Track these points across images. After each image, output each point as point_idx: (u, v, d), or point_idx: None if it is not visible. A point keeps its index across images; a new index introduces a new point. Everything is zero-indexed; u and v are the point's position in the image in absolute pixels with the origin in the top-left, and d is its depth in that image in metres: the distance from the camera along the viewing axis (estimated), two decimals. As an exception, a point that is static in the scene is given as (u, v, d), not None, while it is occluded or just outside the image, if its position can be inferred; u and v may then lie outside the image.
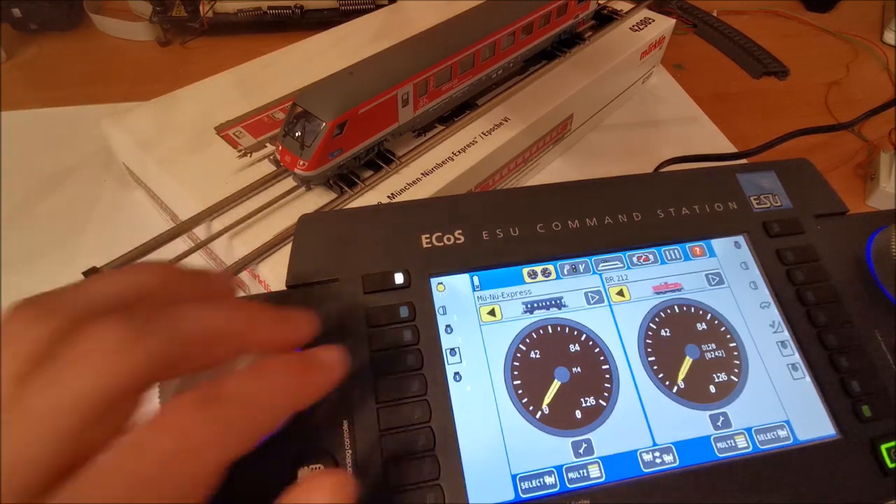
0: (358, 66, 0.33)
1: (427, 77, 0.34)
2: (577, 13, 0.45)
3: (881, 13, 0.70)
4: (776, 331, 0.23)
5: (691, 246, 0.25)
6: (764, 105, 0.57)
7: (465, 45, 0.36)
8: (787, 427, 0.21)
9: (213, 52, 0.58)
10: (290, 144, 0.32)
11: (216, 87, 0.40)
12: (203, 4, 0.56)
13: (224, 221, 0.31)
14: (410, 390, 0.20)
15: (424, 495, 0.19)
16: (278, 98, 0.39)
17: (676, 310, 0.23)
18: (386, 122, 0.34)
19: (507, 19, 0.38)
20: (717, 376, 0.22)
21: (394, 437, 0.19)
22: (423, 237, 0.24)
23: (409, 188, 0.34)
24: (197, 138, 0.36)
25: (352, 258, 0.23)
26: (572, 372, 0.22)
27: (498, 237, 0.24)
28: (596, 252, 0.24)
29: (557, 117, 0.42)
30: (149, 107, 0.38)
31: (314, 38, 0.46)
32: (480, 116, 0.39)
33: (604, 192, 0.26)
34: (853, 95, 0.58)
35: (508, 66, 0.41)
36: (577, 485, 0.20)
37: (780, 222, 0.25)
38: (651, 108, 0.54)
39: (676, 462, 0.20)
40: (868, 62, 0.64)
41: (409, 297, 0.22)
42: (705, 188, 0.26)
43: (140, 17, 0.58)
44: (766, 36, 0.47)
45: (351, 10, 0.58)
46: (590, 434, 0.21)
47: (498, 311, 0.23)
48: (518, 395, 0.21)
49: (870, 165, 0.49)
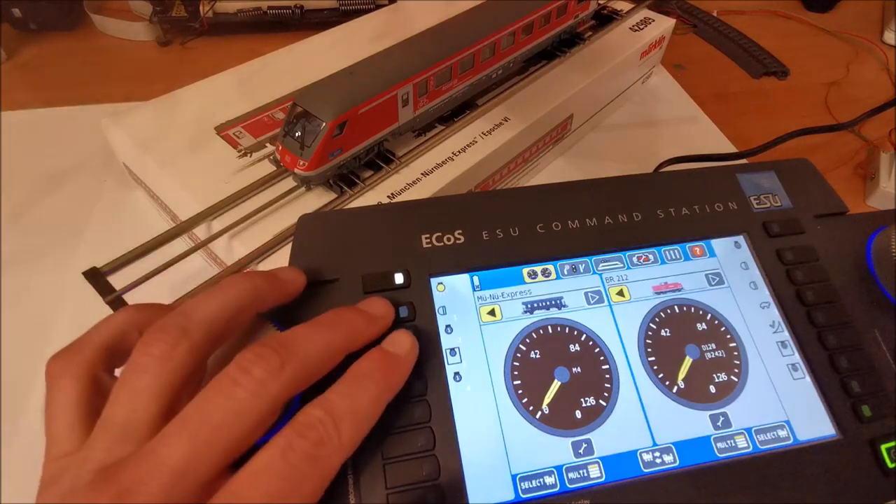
0: (358, 66, 0.33)
1: (427, 77, 0.34)
2: (577, 13, 0.45)
3: (881, 13, 0.70)
4: (776, 331, 0.23)
5: (691, 246, 0.25)
6: (764, 105, 0.57)
7: (465, 45, 0.36)
8: (787, 427, 0.21)
9: (213, 52, 0.58)
10: (290, 144, 0.32)
11: (216, 87, 0.40)
12: (203, 4, 0.56)
13: (224, 221, 0.31)
14: (410, 390, 0.20)
15: (424, 495, 0.19)
16: (278, 98, 0.39)
17: (676, 310, 0.23)
18: (386, 122, 0.34)
19: (507, 19, 0.38)
20: (717, 376, 0.22)
21: (394, 437, 0.19)
22: (423, 237, 0.24)
23: (409, 188, 0.34)
24: (197, 138, 0.36)
25: (352, 258, 0.23)
26: (572, 372, 0.22)
27: (498, 237, 0.24)
28: (596, 252, 0.24)
29: (557, 117, 0.42)
30: (149, 107, 0.38)
31: (314, 38, 0.46)
32: (480, 116, 0.39)
33: (604, 192, 0.26)
34: (853, 95, 0.58)
35: (508, 66, 0.41)
36: (577, 485, 0.20)
37: (780, 222, 0.25)
38: (651, 108, 0.54)
39: (676, 462, 0.20)
40: (868, 62, 0.64)
41: (409, 297, 0.22)
42: (705, 188, 0.26)
43: (140, 17, 0.58)
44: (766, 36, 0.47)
45: (351, 10, 0.58)
46: (590, 434, 0.21)
47: (498, 311, 0.23)
48: (518, 395, 0.21)
49: (870, 165, 0.49)
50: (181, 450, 0.15)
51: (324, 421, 0.16)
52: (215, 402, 0.16)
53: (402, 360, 0.19)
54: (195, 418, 0.16)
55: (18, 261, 0.38)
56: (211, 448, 0.15)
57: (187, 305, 0.18)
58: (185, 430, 0.15)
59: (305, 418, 0.17)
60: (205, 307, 0.18)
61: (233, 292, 0.19)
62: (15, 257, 0.38)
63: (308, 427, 0.16)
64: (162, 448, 0.15)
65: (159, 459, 0.15)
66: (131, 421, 0.16)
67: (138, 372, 0.17)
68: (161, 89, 0.39)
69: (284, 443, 0.16)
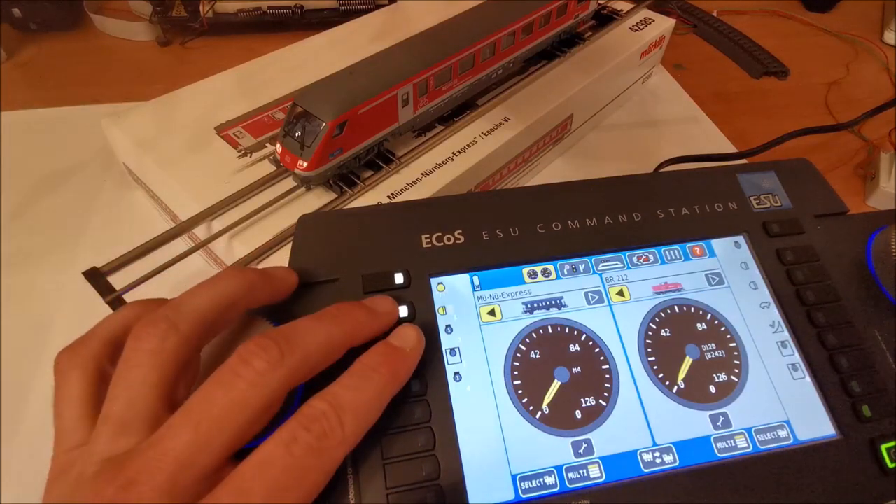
0: (358, 66, 0.33)
1: (427, 77, 0.34)
2: (576, 13, 0.45)
3: (881, 13, 0.70)
4: (776, 331, 0.23)
5: (691, 246, 0.25)
6: (764, 105, 0.57)
7: (465, 45, 0.36)
8: (787, 427, 0.21)
9: (213, 52, 0.58)
10: (290, 144, 0.32)
11: (216, 87, 0.40)
12: (203, 4, 0.56)
13: (224, 221, 0.31)
14: (410, 390, 0.20)
15: (424, 495, 0.19)
16: (278, 98, 0.39)
17: (676, 310, 0.23)
18: (386, 122, 0.34)
19: (507, 19, 0.38)
20: (717, 376, 0.22)
21: (394, 437, 0.19)
22: (423, 237, 0.24)
23: (409, 188, 0.34)
24: (197, 138, 0.36)
25: (352, 258, 0.23)
26: (572, 372, 0.22)
27: (498, 237, 0.24)
28: (596, 252, 0.24)
29: (557, 117, 0.42)
30: (149, 107, 0.38)
31: (314, 38, 0.46)
32: (480, 116, 0.39)
33: (604, 192, 0.26)
34: (853, 95, 0.58)
35: (508, 66, 0.41)
36: (577, 485, 0.20)
37: (780, 222, 0.25)
38: (651, 108, 0.54)
39: (676, 462, 0.20)
40: (868, 62, 0.63)
41: (409, 297, 0.22)
42: (705, 188, 0.26)
43: (140, 17, 0.58)
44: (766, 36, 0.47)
45: (351, 10, 0.58)
46: (590, 434, 0.21)
47: (498, 310, 0.23)
48: (518, 395, 0.21)
49: (870, 165, 0.49)
50: (184, 440, 0.15)
51: (328, 414, 0.17)
52: (217, 394, 0.16)
53: (407, 355, 0.20)
54: (197, 409, 0.16)
55: (18, 261, 0.38)
56: (213, 438, 0.15)
57: (178, 298, 0.18)
58: (188, 422, 0.16)
59: (310, 411, 0.17)
60: (195, 300, 0.18)
61: (224, 286, 0.19)
62: (15, 257, 0.38)
63: (312, 420, 0.16)
64: (166, 439, 0.15)
65: (163, 450, 0.15)
66: (130, 414, 0.16)
67: (131, 366, 0.17)
68: (161, 89, 0.39)
69: (288, 435, 0.16)
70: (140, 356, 0.17)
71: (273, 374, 0.16)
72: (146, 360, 0.17)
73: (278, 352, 0.17)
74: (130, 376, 0.17)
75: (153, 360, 0.17)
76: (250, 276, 0.20)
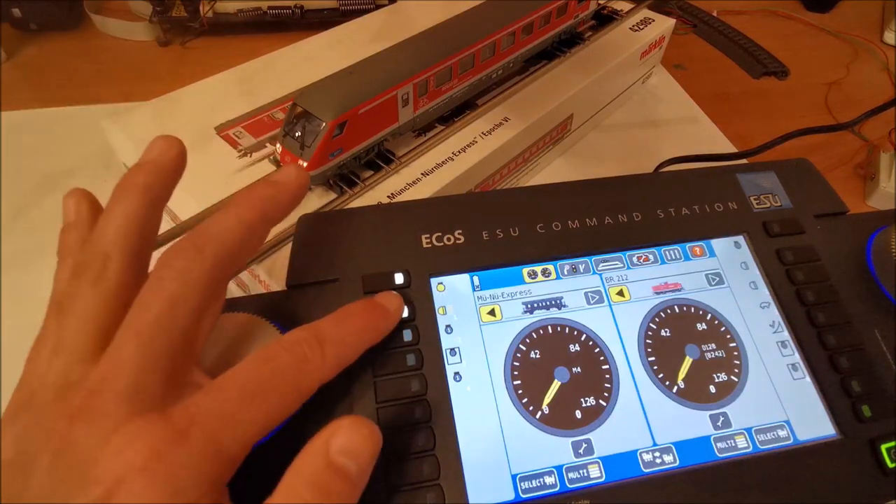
0: (358, 66, 0.33)
1: (427, 77, 0.34)
2: (576, 13, 0.45)
3: (881, 13, 0.70)
4: (776, 331, 0.23)
5: (691, 246, 0.25)
6: (764, 105, 0.57)
7: (465, 45, 0.36)
8: (787, 427, 0.21)
9: (213, 52, 0.58)
10: (290, 144, 0.32)
11: (216, 87, 0.40)
12: (203, 4, 0.56)
13: (224, 221, 0.31)
14: (410, 390, 0.20)
15: (424, 495, 0.19)
16: (278, 98, 0.39)
17: (676, 310, 0.23)
18: (386, 122, 0.34)
19: (507, 19, 0.38)
20: (717, 376, 0.22)
21: (394, 437, 0.19)
22: (423, 237, 0.24)
23: (409, 188, 0.34)
24: (197, 138, 0.36)
25: (352, 258, 0.23)
26: (572, 372, 0.22)
27: (498, 237, 0.24)
28: (596, 252, 0.24)
29: (557, 117, 0.42)
30: (149, 107, 0.38)
31: (314, 38, 0.46)
32: (480, 116, 0.39)
33: (604, 192, 0.26)
34: (853, 95, 0.58)
35: (508, 66, 0.41)
36: (577, 485, 0.20)
37: (780, 222, 0.25)
38: (651, 108, 0.54)
39: (676, 462, 0.20)
40: (868, 62, 0.63)
41: (409, 297, 0.22)
42: (705, 188, 0.26)
43: (140, 17, 0.58)
44: (766, 36, 0.47)
45: (351, 10, 0.58)
46: (590, 434, 0.21)
47: (498, 311, 0.23)
48: (518, 395, 0.21)
49: (870, 165, 0.49)
50: (131, 348, 0.16)
51: (309, 341, 0.17)
52: (149, 299, 0.17)
53: (388, 313, 0.21)
54: (136, 318, 0.16)
55: (19, 261, 0.38)
56: (157, 342, 0.16)
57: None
58: (129, 331, 0.16)
59: (292, 336, 0.17)
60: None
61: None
62: (15, 257, 0.38)
63: (294, 343, 0.17)
64: (114, 351, 0.16)
65: (116, 360, 0.16)
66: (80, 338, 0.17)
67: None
68: (161, 89, 0.39)
69: (270, 353, 0.17)
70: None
71: (196, 266, 0.17)
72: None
73: (194, 247, 0.17)
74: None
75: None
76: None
